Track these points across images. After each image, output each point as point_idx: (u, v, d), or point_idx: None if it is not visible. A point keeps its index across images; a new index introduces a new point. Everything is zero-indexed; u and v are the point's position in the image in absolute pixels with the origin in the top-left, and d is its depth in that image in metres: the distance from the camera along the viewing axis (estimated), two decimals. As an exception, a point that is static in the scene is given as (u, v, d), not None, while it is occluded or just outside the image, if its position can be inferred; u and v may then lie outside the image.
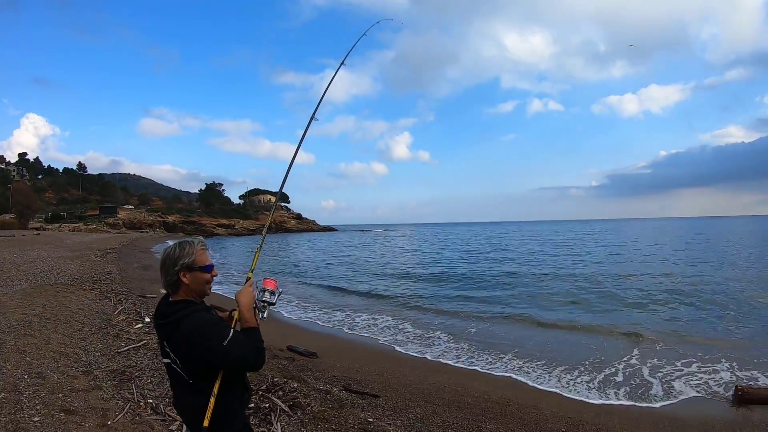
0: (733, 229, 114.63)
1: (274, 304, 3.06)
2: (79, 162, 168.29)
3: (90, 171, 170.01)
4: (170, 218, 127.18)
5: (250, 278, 3.08)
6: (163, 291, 2.81)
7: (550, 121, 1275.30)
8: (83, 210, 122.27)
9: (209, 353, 2.53)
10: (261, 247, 3.49)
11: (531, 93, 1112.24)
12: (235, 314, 2.88)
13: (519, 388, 9.44)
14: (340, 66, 4.86)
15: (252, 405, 6.36)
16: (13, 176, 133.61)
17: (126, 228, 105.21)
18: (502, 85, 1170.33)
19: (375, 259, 45.29)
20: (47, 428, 5.03)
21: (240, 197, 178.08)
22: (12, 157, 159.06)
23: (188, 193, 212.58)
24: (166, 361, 2.72)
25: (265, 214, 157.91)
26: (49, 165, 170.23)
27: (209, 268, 2.80)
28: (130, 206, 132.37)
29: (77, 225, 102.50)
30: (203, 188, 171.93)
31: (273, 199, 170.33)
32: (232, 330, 2.63)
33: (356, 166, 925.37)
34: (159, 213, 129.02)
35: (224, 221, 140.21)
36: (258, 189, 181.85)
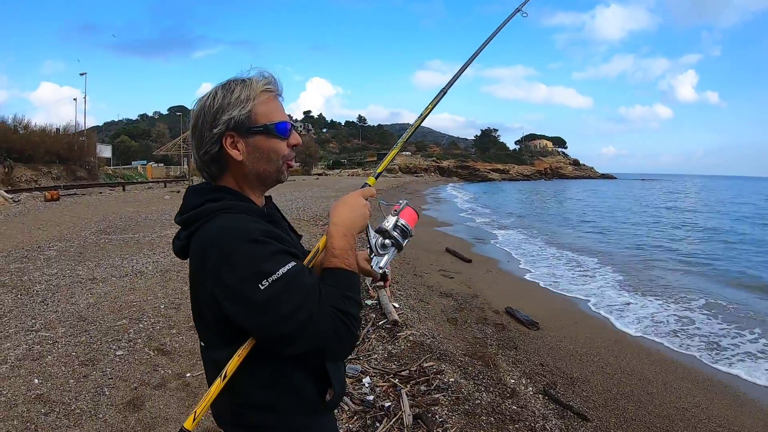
0: None
1: (402, 248, 1.65)
2: (359, 115, 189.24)
3: (371, 122, 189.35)
4: (445, 163, 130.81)
5: (371, 186, 1.70)
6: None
7: None
8: (362, 157, 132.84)
9: (230, 297, 1.32)
10: (401, 146, 1.90)
11: None
12: (321, 241, 1.55)
13: None
14: None
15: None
16: (300, 131, 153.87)
17: (402, 173, 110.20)
18: None
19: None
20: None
21: (516, 142, 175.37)
22: (299, 116, 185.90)
23: (465, 139, 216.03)
24: None
25: (541, 159, 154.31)
26: (332, 119, 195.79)
27: (285, 129, 1.55)
28: (407, 152, 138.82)
29: (356, 170, 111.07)
30: (479, 134, 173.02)
31: (549, 144, 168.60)
32: (293, 263, 1.35)
33: (637, 109, 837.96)
34: (434, 158, 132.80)
35: (499, 166, 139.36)
36: (534, 134, 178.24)
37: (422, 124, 2.15)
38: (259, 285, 1.29)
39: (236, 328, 1.36)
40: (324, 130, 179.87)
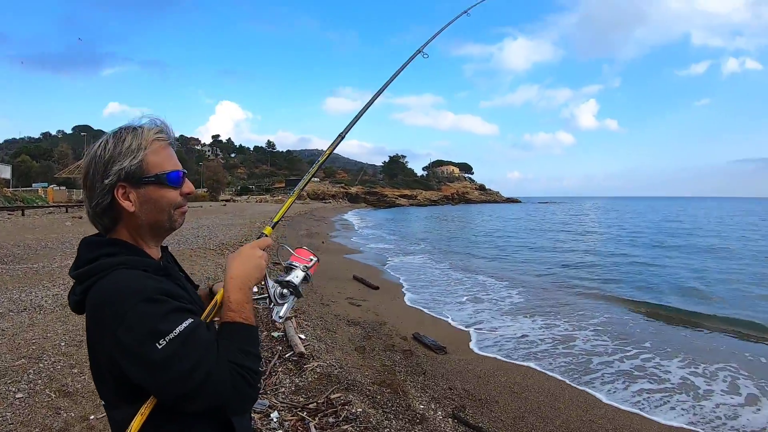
0: None
1: (300, 295, 1.68)
2: (268, 140, 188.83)
3: (280, 148, 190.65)
4: (353, 189, 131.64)
5: (267, 236, 1.73)
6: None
7: (747, 82, 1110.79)
8: (271, 183, 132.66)
9: (128, 357, 1.30)
10: (297, 195, 1.99)
11: (725, 50, 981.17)
12: (218, 292, 1.53)
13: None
14: (463, 13, 3.48)
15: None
16: (207, 155, 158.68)
17: (310, 199, 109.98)
18: (693, 42, 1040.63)
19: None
20: None
21: (423, 169, 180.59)
22: (208, 140, 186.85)
23: (373, 166, 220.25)
24: None
25: (447, 184, 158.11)
26: (241, 144, 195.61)
27: (177, 178, 1.55)
28: (315, 179, 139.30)
29: (264, 197, 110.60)
30: (387, 161, 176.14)
31: (456, 170, 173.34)
32: (190, 320, 1.35)
33: (541, 136, 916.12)
34: (342, 184, 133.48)
35: (407, 192, 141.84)
36: (441, 160, 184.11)
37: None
38: (157, 344, 1.28)
39: (137, 386, 1.32)
40: (232, 155, 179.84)
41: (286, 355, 6.29)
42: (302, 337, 7.01)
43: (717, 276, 17.60)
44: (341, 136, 2.23)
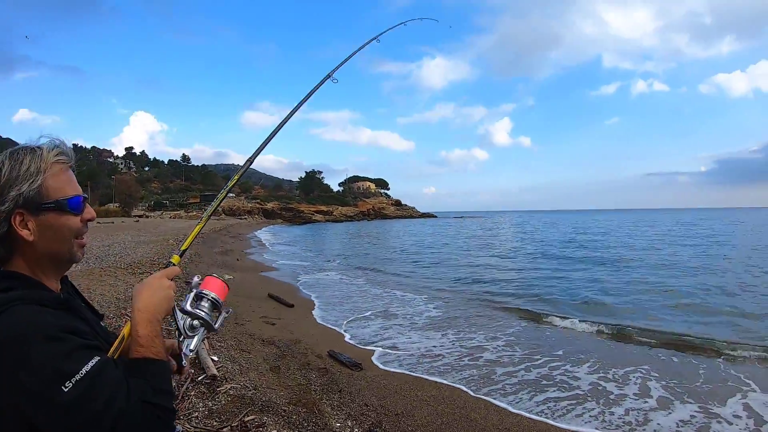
0: None
1: (215, 329, 1.62)
2: (183, 154, 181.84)
3: (196, 162, 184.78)
4: (269, 205, 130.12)
5: (175, 264, 1.67)
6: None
7: (655, 102, 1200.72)
8: (185, 198, 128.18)
9: (32, 403, 1.20)
10: (204, 222, 1.89)
11: (635, 73, 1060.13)
12: (125, 328, 1.46)
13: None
14: (372, 40, 3.61)
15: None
16: (120, 168, 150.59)
17: (225, 215, 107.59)
18: (604, 64, 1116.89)
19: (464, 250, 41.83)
20: None
21: (339, 184, 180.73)
22: (121, 152, 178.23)
23: (290, 181, 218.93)
24: None
25: (364, 200, 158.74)
26: (155, 158, 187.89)
27: (78, 204, 1.47)
28: (231, 194, 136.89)
29: (178, 212, 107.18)
30: (303, 176, 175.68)
31: (372, 185, 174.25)
32: (97, 358, 1.27)
33: (457, 152, 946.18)
34: (258, 200, 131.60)
35: (323, 208, 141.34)
36: (357, 176, 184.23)
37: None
38: (63, 387, 1.19)
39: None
40: (146, 169, 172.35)
41: (199, 378, 6.12)
42: (215, 358, 6.83)
43: (622, 286, 18.57)
44: (250, 161, 2.22)
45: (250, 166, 2.30)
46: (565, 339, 10.75)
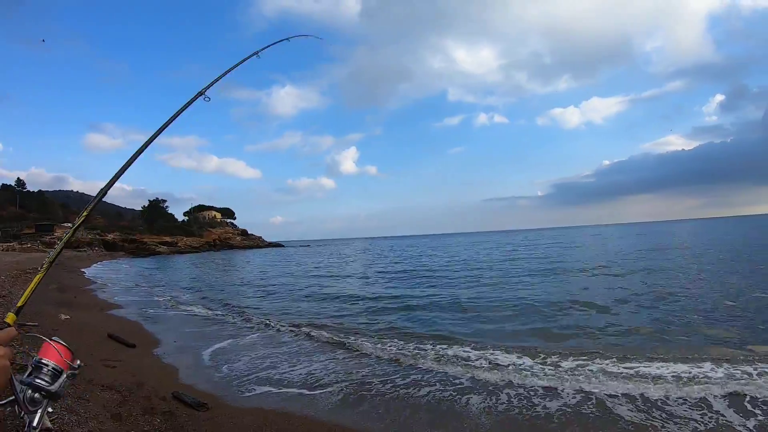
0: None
1: (59, 396, 1.40)
2: (18, 178, 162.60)
3: (32, 188, 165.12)
4: (110, 236, 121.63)
5: (11, 325, 1.48)
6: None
7: (495, 133, 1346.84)
8: (19, 228, 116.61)
9: None
10: (46, 270, 1.72)
11: (478, 106, 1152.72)
12: None
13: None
14: (252, 55, 3.66)
15: None
16: None
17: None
18: (450, 98, 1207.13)
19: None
20: None
21: (184, 214, 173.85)
22: None
23: (133, 210, 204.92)
24: None
25: (209, 230, 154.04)
26: None
27: None
28: (69, 224, 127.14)
29: (11, 244, 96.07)
30: (146, 205, 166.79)
31: (218, 215, 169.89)
32: None
33: (304, 181, 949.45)
34: (98, 231, 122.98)
35: (167, 239, 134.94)
36: (203, 205, 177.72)
37: (87, 192, 2.07)
38: None
39: None
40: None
41: None
42: (50, 410, 6.49)
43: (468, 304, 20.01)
44: (104, 192, 2.21)
45: (88, 194, 2.17)
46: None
